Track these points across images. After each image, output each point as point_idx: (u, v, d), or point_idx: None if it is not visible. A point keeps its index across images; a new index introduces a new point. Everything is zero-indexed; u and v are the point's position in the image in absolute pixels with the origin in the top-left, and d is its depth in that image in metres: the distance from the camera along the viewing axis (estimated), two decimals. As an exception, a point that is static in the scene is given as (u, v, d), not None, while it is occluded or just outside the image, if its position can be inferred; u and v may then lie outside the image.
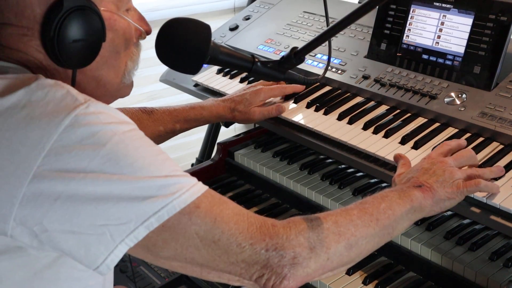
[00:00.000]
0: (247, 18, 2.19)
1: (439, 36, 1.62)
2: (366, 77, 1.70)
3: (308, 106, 1.69)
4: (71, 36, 1.00)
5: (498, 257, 1.37)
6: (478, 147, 1.41)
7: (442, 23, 1.61)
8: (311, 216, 1.07)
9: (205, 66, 1.61)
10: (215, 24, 2.04)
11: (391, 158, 1.40)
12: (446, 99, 1.53)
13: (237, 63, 1.39)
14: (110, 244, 0.91)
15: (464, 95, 1.52)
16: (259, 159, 1.82)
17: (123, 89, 1.17)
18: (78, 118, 0.90)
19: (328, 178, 1.68)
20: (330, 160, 1.78)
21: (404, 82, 1.63)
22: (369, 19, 1.74)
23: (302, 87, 1.73)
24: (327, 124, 1.61)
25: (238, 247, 0.96)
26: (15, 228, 0.90)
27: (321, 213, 1.09)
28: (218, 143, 1.92)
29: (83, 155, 0.89)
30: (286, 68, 1.43)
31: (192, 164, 2.55)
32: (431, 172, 1.22)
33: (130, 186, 0.90)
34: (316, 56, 1.86)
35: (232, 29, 2.16)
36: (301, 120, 1.65)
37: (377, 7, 1.68)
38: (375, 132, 1.53)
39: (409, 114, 1.57)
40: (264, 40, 2.03)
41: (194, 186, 0.95)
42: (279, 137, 1.91)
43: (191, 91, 2.00)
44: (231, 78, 1.93)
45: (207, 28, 1.27)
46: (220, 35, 2.15)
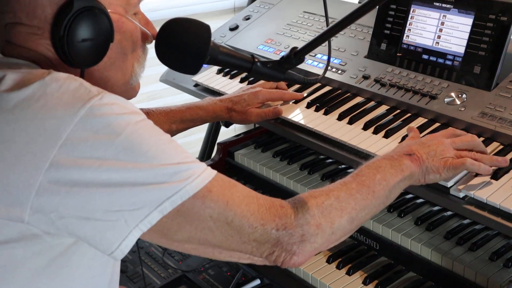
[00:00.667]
0: (247, 18, 2.19)
1: (439, 36, 1.62)
2: (366, 77, 1.70)
3: (308, 106, 1.70)
4: (80, 35, 1.03)
5: (498, 257, 1.37)
6: (478, 147, 1.41)
7: (442, 23, 1.61)
8: (315, 193, 1.12)
9: (205, 66, 1.60)
10: (215, 24, 2.04)
11: (391, 158, 1.40)
12: (446, 99, 1.53)
13: (237, 63, 1.39)
14: (124, 229, 0.94)
15: (464, 95, 1.52)
16: (259, 159, 1.82)
17: (129, 90, 1.19)
18: (93, 109, 0.93)
19: (328, 178, 1.68)
20: (330, 160, 1.78)
21: (404, 82, 1.63)
22: (369, 19, 1.74)
23: (301, 95, 1.74)
24: (327, 124, 1.61)
25: (250, 227, 1.01)
26: (32, 215, 0.93)
27: (323, 188, 1.14)
28: (218, 143, 1.92)
29: (99, 144, 0.92)
30: (286, 68, 1.43)
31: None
32: (426, 146, 1.28)
33: (144, 173, 0.93)
34: (316, 56, 1.86)
35: (232, 29, 2.16)
36: (301, 120, 1.65)
37: (377, 7, 1.68)
38: (375, 132, 1.53)
39: (409, 114, 1.57)
40: (264, 40, 2.03)
41: (205, 171, 0.99)
42: (279, 137, 1.91)
43: (191, 91, 2.00)
44: (231, 78, 1.93)
45: (207, 28, 1.27)
46: (220, 35, 2.15)
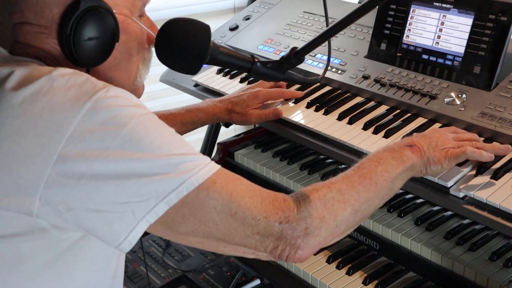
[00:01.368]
0: (247, 18, 2.19)
1: (439, 36, 1.62)
2: (366, 77, 1.70)
3: (308, 106, 1.70)
4: (86, 33, 1.05)
5: (498, 257, 1.37)
6: (478, 147, 1.41)
7: (442, 23, 1.61)
8: (317, 186, 1.12)
9: (205, 66, 1.60)
10: (215, 24, 2.04)
11: (391, 158, 1.40)
12: (446, 99, 1.53)
13: (236, 63, 1.39)
14: (131, 221, 0.94)
15: (464, 95, 1.52)
16: (259, 159, 1.82)
17: (134, 91, 1.20)
18: (99, 102, 0.94)
19: (328, 178, 1.67)
20: (330, 160, 1.78)
21: (404, 82, 1.63)
22: (369, 19, 1.74)
23: (301, 94, 1.74)
24: (327, 124, 1.61)
25: (254, 219, 1.01)
26: (41, 207, 0.93)
27: (325, 181, 1.14)
28: (218, 143, 1.92)
29: (105, 136, 0.93)
30: (286, 68, 1.43)
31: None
32: (427, 138, 1.29)
33: (150, 164, 0.94)
34: (316, 56, 1.86)
35: (232, 29, 2.16)
36: (301, 120, 1.65)
37: (377, 7, 1.68)
38: (375, 132, 1.53)
39: (409, 114, 1.57)
40: (264, 40, 2.03)
41: (209, 163, 1.00)
42: (279, 137, 1.91)
43: (191, 91, 2.00)
44: (231, 78, 1.93)
45: (207, 28, 1.27)
46: (220, 35, 2.15)
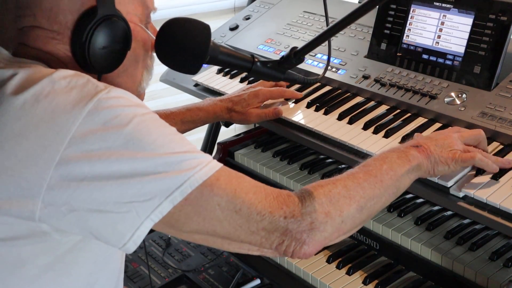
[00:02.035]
0: (247, 18, 2.19)
1: (439, 36, 1.62)
2: (366, 77, 1.70)
3: (308, 106, 1.70)
4: (101, 42, 1.05)
5: (498, 257, 1.37)
6: (478, 147, 1.41)
7: (442, 23, 1.61)
8: (322, 183, 1.12)
9: (205, 66, 1.60)
10: (215, 24, 2.04)
11: (391, 158, 1.40)
12: (446, 99, 1.53)
13: (236, 63, 1.39)
14: (136, 220, 0.94)
15: (464, 95, 1.52)
16: (259, 159, 1.82)
17: (137, 97, 1.19)
18: (100, 102, 0.94)
19: (328, 178, 1.67)
20: (330, 160, 1.78)
21: (404, 82, 1.63)
22: (369, 19, 1.74)
23: (301, 94, 1.74)
24: (327, 124, 1.61)
25: (258, 215, 1.00)
26: (43, 209, 0.93)
27: (330, 178, 1.14)
28: (218, 143, 1.92)
29: (107, 136, 0.93)
30: (286, 68, 1.43)
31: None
32: (434, 139, 1.28)
33: (152, 162, 0.94)
34: (316, 56, 1.86)
35: (232, 29, 2.16)
36: (301, 120, 1.65)
37: (377, 7, 1.68)
38: (375, 132, 1.53)
39: (409, 114, 1.57)
40: (264, 40, 2.03)
41: (212, 161, 1.00)
42: (279, 137, 1.91)
43: (191, 91, 2.00)
44: (231, 78, 1.93)
45: (207, 28, 1.27)
46: (220, 35, 2.15)
